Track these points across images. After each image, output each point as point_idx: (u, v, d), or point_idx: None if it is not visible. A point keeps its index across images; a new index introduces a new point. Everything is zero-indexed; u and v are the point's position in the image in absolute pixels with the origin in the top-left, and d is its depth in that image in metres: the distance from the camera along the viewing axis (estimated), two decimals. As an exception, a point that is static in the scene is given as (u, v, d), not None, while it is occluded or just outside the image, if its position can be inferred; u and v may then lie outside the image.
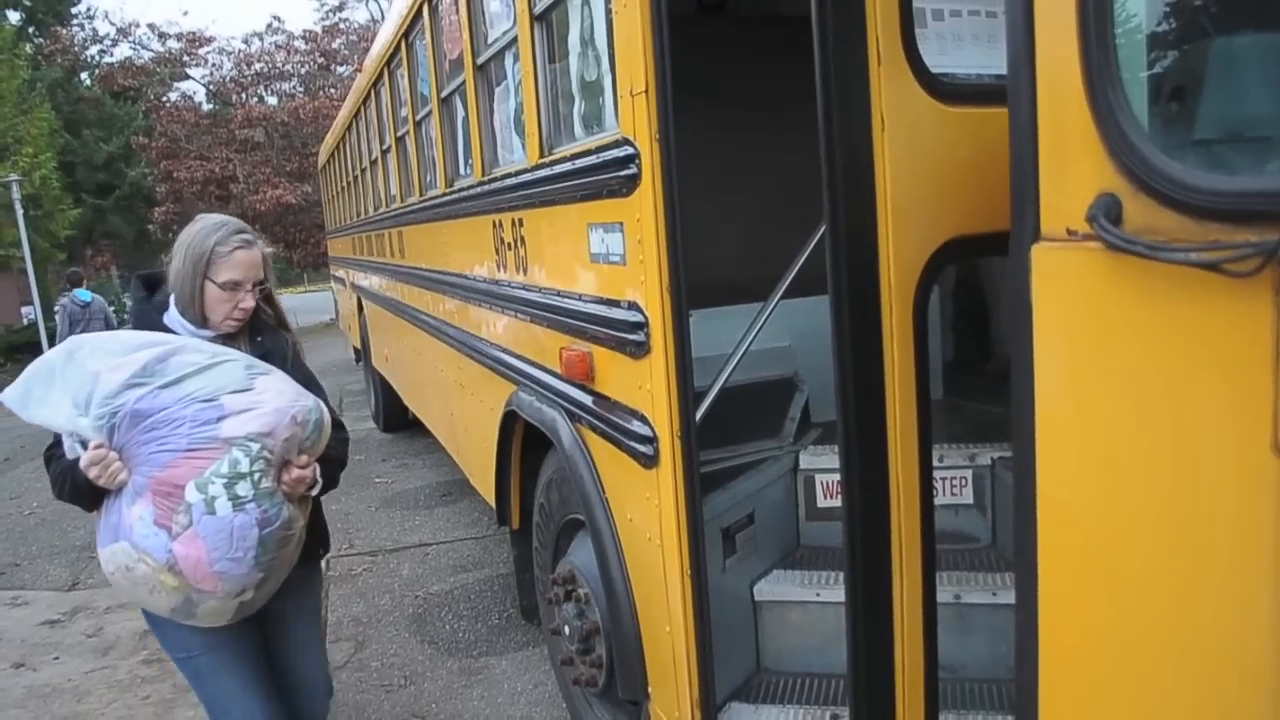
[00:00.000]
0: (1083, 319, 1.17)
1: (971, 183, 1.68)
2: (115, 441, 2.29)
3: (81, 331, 13.90)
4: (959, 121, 1.71)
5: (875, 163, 1.69)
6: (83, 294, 12.81)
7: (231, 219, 2.67)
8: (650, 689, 2.88)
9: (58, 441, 2.42)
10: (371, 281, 9.34)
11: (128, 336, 2.46)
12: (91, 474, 2.29)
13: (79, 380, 2.31)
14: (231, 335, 2.64)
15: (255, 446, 2.35)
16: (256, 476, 2.35)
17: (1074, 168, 1.13)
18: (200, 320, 2.58)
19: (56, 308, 15.14)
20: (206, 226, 2.59)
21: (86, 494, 2.36)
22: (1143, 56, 1.20)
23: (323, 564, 6.35)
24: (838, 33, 1.64)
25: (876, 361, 1.71)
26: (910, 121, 1.69)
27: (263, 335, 2.72)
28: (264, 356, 2.59)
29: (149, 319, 2.62)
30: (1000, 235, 1.28)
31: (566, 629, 3.25)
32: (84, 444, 2.31)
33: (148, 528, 2.29)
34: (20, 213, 19.44)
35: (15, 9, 27.55)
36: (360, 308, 10.66)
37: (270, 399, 2.41)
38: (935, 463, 1.92)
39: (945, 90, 1.73)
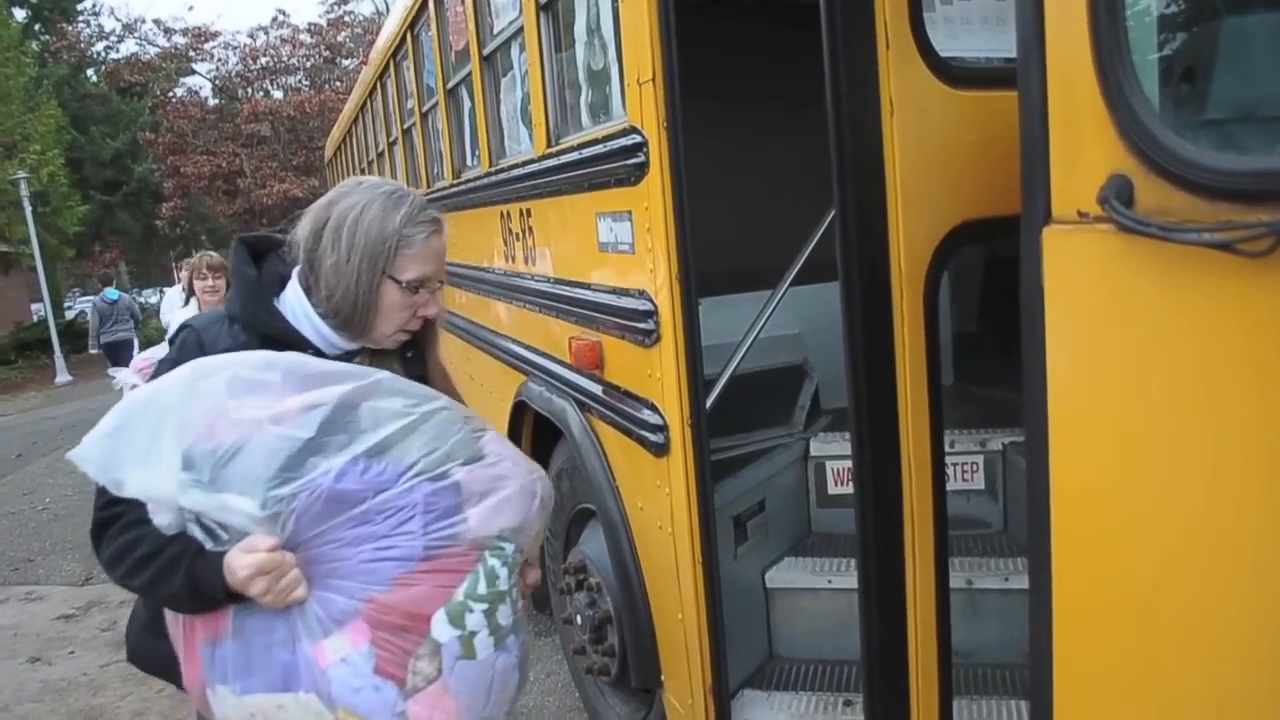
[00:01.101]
0: (1095, 301, 1.16)
1: (981, 166, 1.67)
2: (286, 538, 1.54)
3: (112, 326, 14.21)
4: (968, 105, 1.71)
5: (884, 147, 1.68)
6: (111, 293, 13.90)
7: (403, 187, 1.88)
8: (663, 677, 2.89)
9: (117, 499, 1.59)
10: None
11: (275, 358, 1.63)
12: (256, 589, 1.51)
13: (217, 430, 1.52)
14: (381, 352, 1.90)
15: (510, 549, 1.65)
16: (515, 594, 1.68)
17: (1085, 149, 1.13)
18: (359, 331, 1.82)
19: (87, 306, 15.90)
20: (382, 198, 1.79)
21: (208, 599, 1.59)
22: (1153, 37, 1.19)
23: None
24: (846, 17, 1.63)
25: (887, 347, 1.70)
26: (919, 106, 1.69)
27: (413, 351, 1.97)
28: (420, 381, 1.84)
29: (258, 308, 1.83)
30: (1010, 219, 1.28)
31: (579, 618, 3.26)
32: (204, 527, 1.59)
33: (362, 678, 1.53)
34: (29, 210, 19.48)
35: (21, 6, 27.56)
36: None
37: (508, 470, 1.70)
38: (946, 448, 1.92)
39: (954, 74, 1.73)
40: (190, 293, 5.35)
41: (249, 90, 27.72)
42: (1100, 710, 1.25)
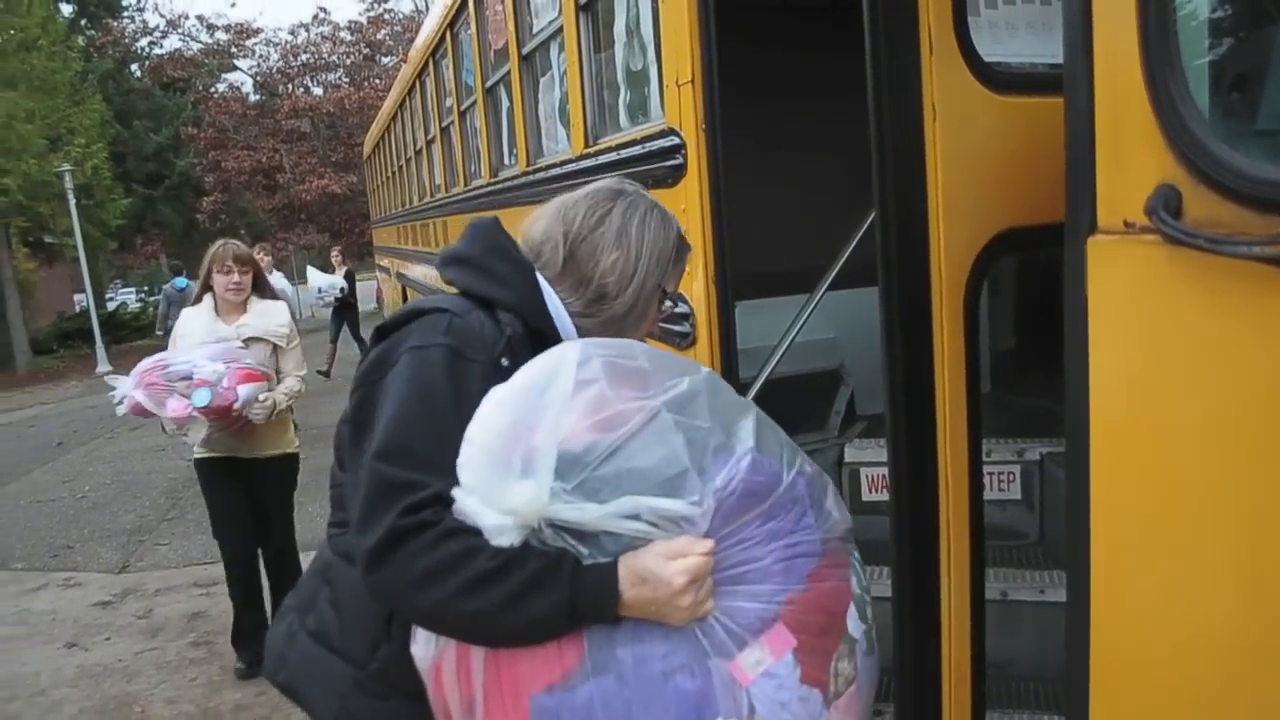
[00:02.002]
0: (1140, 313, 1.14)
1: (1024, 174, 1.65)
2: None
3: (180, 313, 14.44)
4: (1012, 111, 1.68)
5: (926, 153, 1.66)
6: (180, 281, 14.02)
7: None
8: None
9: (420, 504, 1.36)
10: (416, 270, 9.40)
11: (632, 344, 1.52)
12: (685, 600, 1.32)
13: (604, 424, 1.34)
14: None
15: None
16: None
17: (1132, 158, 1.11)
18: (618, 333, 1.69)
19: (158, 295, 16.65)
20: (656, 207, 1.72)
21: (587, 620, 1.35)
22: (1204, 44, 1.17)
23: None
24: (889, 21, 1.62)
25: (926, 354, 1.68)
26: (962, 111, 1.66)
27: None
28: None
29: (536, 297, 1.64)
30: (1054, 228, 1.26)
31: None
32: (571, 534, 1.34)
33: (789, 690, 1.35)
34: (73, 202, 19.78)
35: (68, 1, 28.02)
36: (405, 296, 10.73)
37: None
38: (983, 457, 1.90)
39: (998, 79, 1.70)
40: (206, 288, 4.45)
41: (289, 87, 27.96)
42: (1138, 727, 1.23)
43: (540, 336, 1.59)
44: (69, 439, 11.93)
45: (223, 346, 4.25)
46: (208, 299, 4.49)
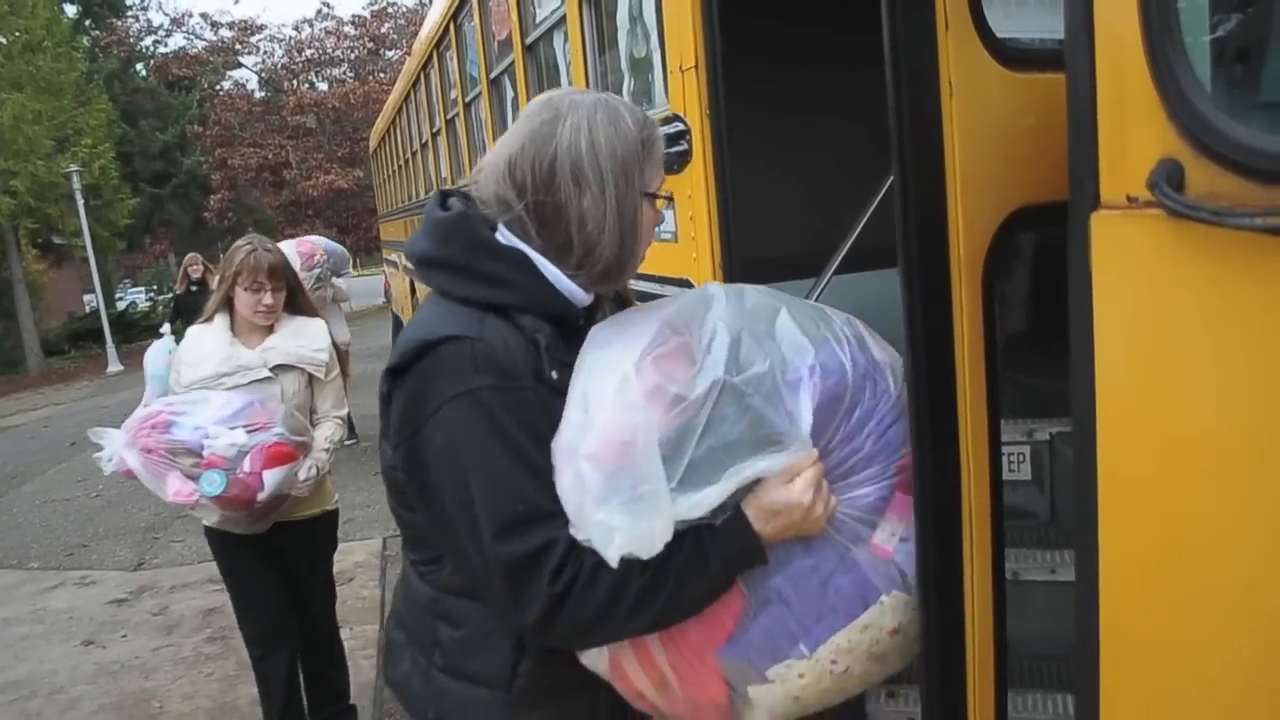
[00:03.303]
0: (1144, 288, 1.14)
1: (1038, 150, 1.64)
2: None
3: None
4: (1026, 87, 1.67)
5: (944, 130, 1.65)
6: None
7: (591, 91, 1.72)
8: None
9: (525, 532, 1.38)
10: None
11: (663, 316, 1.53)
12: (817, 511, 1.41)
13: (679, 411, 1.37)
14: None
15: None
16: None
17: (1134, 133, 1.10)
18: (620, 273, 1.61)
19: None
20: (599, 110, 1.51)
21: (746, 566, 1.43)
22: (1205, 16, 1.17)
23: (380, 542, 6.37)
24: (906, -2, 1.60)
25: (946, 335, 1.68)
26: (978, 87, 1.65)
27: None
28: None
29: (545, 287, 1.54)
30: (1067, 205, 1.26)
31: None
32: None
33: (909, 552, 1.53)
34: (81, 203, 19.85)
35: (72, 2, 28.06)
36: (413, 290, 10.75)
37: None
38: (995, 438, 1.90)
39: (1011, 55, 1.69)
40: (225, 302, 3.40)
41: (294, 83, 28.00)
42: (1147, 704, 1.23)
43: (561, 324, 1.54)
44: (82, 439, 11.90)
45: (243, 400, 3.21)
46: (222, 317, 3.41)
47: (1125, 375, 1.18)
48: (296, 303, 3.51)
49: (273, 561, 3.51)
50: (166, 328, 3.98)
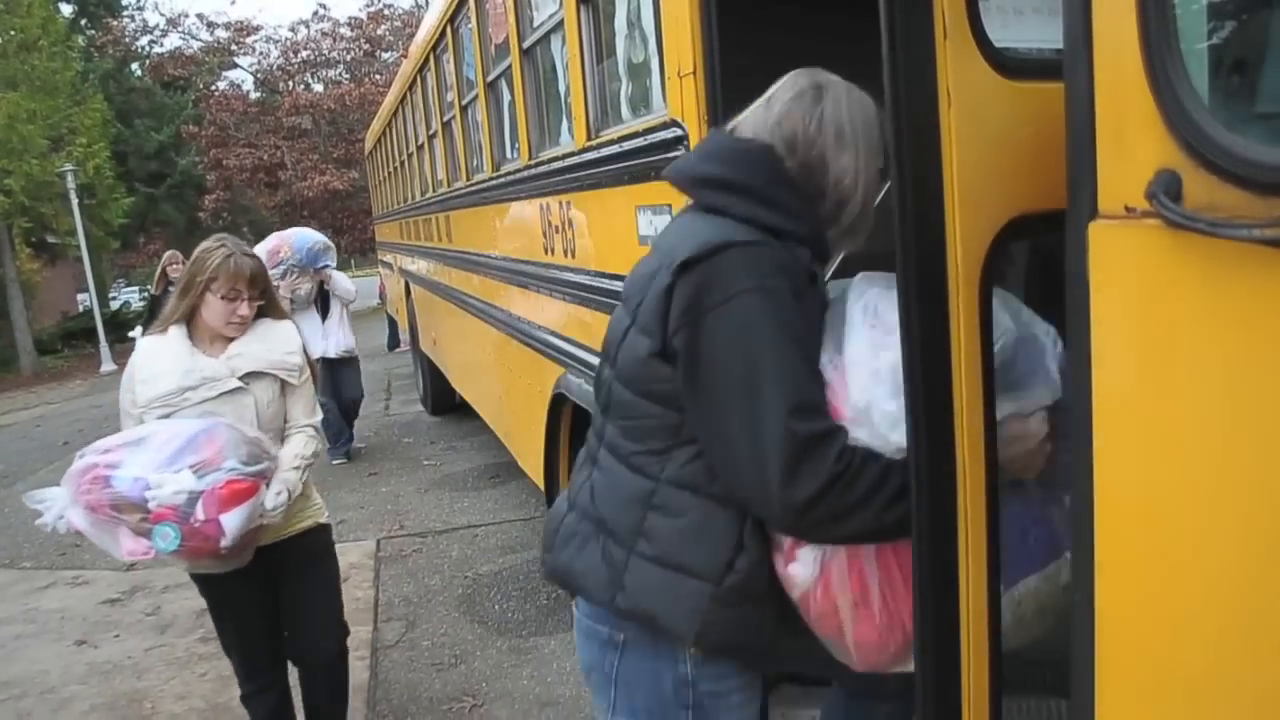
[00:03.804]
0: (1142, 298, 1.14)
1: (1037, 159, 1.65)
2: None
3: None
4: (1024, 96, 1.68)
5: (942, 140, 1.66)
6: None
7: None
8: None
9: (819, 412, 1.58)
10: (419, 266, 9.41)
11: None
12: (1048, 447, 1.66)
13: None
14: None
15: None
16: None
17: (1132, 144, 1.11)
18: (860, 238, 1.82)
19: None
20: (852, 86, 1.76)
21: None
22: (1203, 27, 1.17)
23: (374, 543, 6.35)
24: (905, 6, 1.61)
25: (943, 343, 1.68)
26: (976, 97, 1.66)
27: None
28: None
29: (815, 223, 1.75)
30: (1064, 214, 1.26)
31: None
32: None
33: None
34: (75, 202, 19.80)
35: (68, 1, 28.01)
36: (408, 292, 10.75)
37: None
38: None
39: (1010, 64, 1.70)
40: (187, 311, 2.98)
41: (290, 83, 27.98)
42: (1142, 708, 1.24)
43: (814, 265, 1.72)
44: (75, 438, 11.93)
45: (187, 434, 2.76)
46: (178, 329, 2.98)
47: (1122, 384, 1.18)
48: (272, 307, 3.14)
49: (262, 593, 3.13)
50: (138, 331, 3.67)
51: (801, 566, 1.67)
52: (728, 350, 1.57)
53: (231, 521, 2.71)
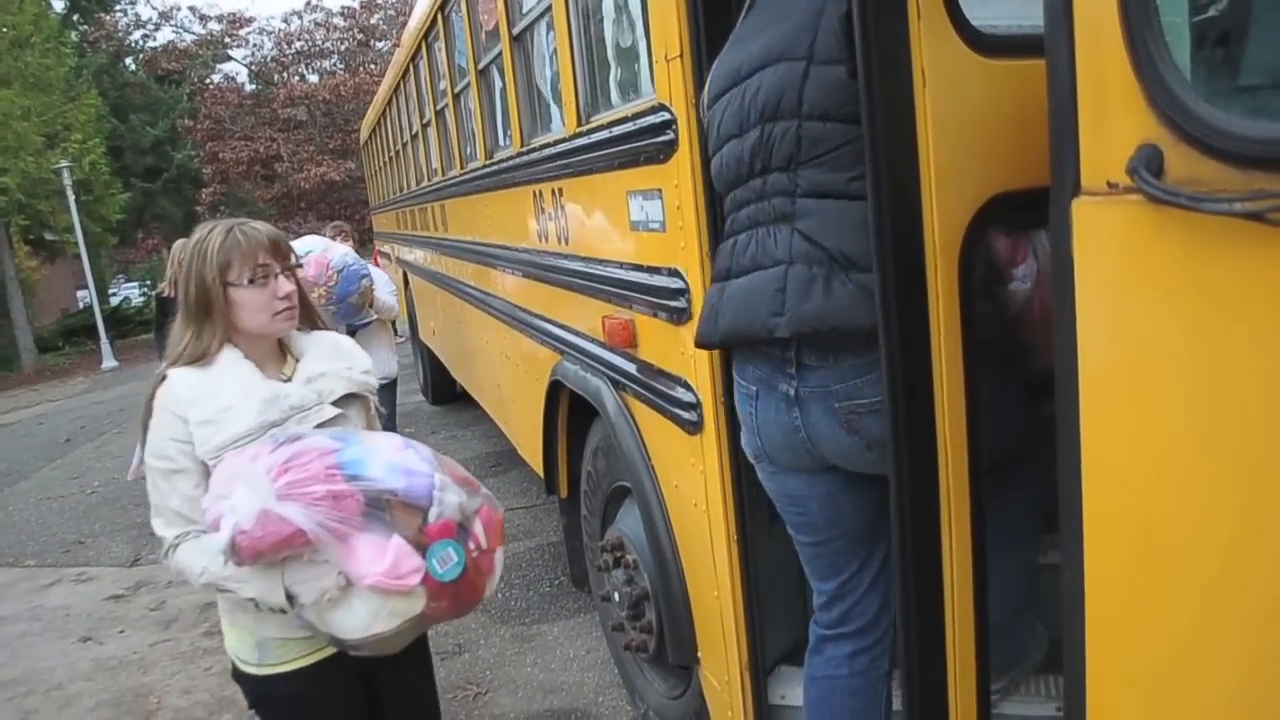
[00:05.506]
0: (1125, 273, 1.14)
1: (1015, 137, 1.65)
2: None
3: None
4: (1002, 75, 1.67)
5: (917, 121, 1.65)
6: None
7: None
8: (700, 654, 2.90)
9: None
10: (416, 255, 9.40)
11: None
12: None
13: None
14: None
15: None
16: None
17: (1114, 119, 1.11)
18: None
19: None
20: None
21: None
22: (1184, 2, 1.17)
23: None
24: (878, -14, 1.61)
25: (923, 324, 1.68)
26: (952, 77, 1.65)
27: None
28: None
29: None
30: (1045, 190, 1.26)
31: (616, 595, 3.27)
32: None
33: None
34: (72, 198, 19.78)
35: (60, -3, 27.90)
36: (406, 282, 10.74)
37: None
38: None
39: (987, 43, 1.69)
40: (228, 337, 2.17)
41: (284, 75, 27.92)
42: (1134, 687, 1.24)
43: None
44: (77, 435, 11.98)
45: (407, 441, 2.16)
46: (231, 351, 2.17)
47: (1107, 359, 1.18)
48: (307, 312, 2.36)
49: (358, 694, 2.39)
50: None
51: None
52: None
53: (500, 561, 2.14)
